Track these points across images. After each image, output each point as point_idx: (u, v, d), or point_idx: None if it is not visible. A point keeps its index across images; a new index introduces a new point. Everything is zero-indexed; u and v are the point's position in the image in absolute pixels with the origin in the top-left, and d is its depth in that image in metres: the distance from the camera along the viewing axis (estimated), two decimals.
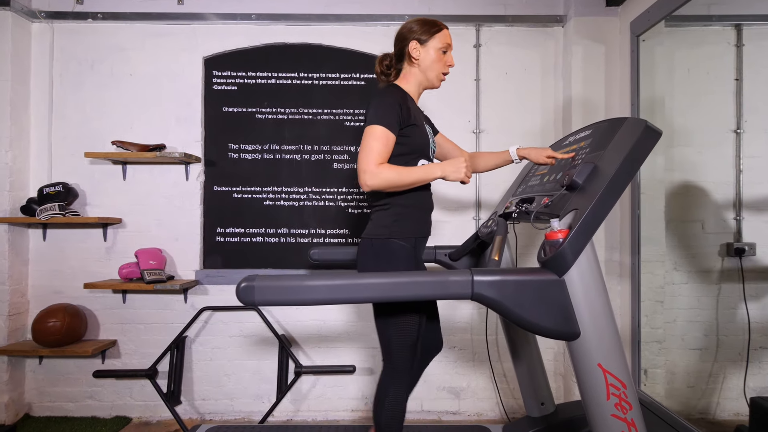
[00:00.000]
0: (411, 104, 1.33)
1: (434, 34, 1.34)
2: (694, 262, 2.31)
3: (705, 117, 2.31)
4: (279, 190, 2.33)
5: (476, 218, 2.34)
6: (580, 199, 1.01)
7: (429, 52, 1.34)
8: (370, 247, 1.30)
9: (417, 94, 1.41)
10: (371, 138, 1.21)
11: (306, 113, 2.34)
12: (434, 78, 1.37)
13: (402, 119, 1.25)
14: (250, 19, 2.29)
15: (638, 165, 0.95)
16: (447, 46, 1.35)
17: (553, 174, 1.33)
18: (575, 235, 0.93)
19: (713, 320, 2.30)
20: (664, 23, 2.06)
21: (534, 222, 1.14)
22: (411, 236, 1.31)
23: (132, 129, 2.31)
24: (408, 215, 1.31)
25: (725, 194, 2.27)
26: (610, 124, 1.16)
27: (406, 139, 1.27)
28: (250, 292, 0.88)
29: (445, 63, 1.37)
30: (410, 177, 1.21)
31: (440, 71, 1.37)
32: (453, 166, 1.22)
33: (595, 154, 1.11)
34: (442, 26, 1.35)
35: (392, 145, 1.23)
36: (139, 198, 2.31)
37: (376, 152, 1.19)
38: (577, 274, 0.94)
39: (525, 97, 2.35)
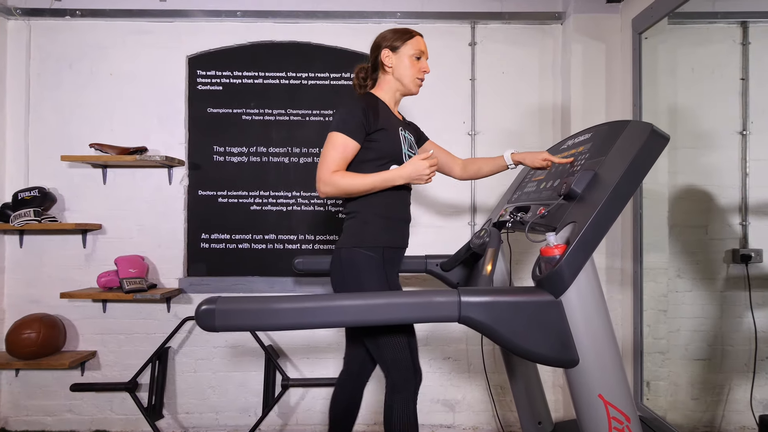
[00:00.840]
0: (382, 110, 1.31)
1: (406, 41, 1.34)
2: (699, 269, 2.22)
3: (710, 118, 2.22)
4: (266, 195, 2.24)
5: (471, 223, 2.25)
6: (579, 211, 0.92)
7: (402, 59, 1.34)
8: (338, 258, 1.27)
9: (393, 102, 1.39)
10: (328, 146, 1.22)
11: (294, 114, 2.25)
12: (409, 84, 1.36)
13: (368, 124, 1.23)
14: (236, 16, 2.20)
15: (643, 173, 0.86)
16: (420, 52, 1.35)
17: (550, 181, 1.24)
18: (574, 252, 0.84)
19: (718, 329, 2.21)
20: (667, 20, 1.97)
21: (529, 234, 1.05)
22: (378, 245, 1.26)
23: (112, 131, 2.21)
24: (376, 223, 1.27)
25: (731, 198, 2.18)
26: (612, 127, 1.07)
27: (374, 144, 1.25)
28: (209, 316, 0.79)
29: (419, 69, 1.36)
30: (365, 184, 1.21)
31: (414, 77, 1.36)
32: (412, 168, 1.20)
33: (596, 160, 1.02)
34: (414, 33, 1.37)
35: (352, 152, 1.23)
36: (120, 203, 2.21)
37: (330, 160, 1.20)
38: (575, 295, 0.85)
39: (522, 97, 2.25)
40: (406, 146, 1.33)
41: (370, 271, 1.22)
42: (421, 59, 1.36)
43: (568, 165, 1.19)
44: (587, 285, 0.85)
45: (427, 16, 2.21)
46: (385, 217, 1.28)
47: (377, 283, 1.21)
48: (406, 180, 1.21)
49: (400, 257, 1.35)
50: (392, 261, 1.30)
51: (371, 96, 1.33)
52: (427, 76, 2.17)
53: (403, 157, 1.31)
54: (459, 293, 0.87)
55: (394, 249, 1.30)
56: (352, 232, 1.27)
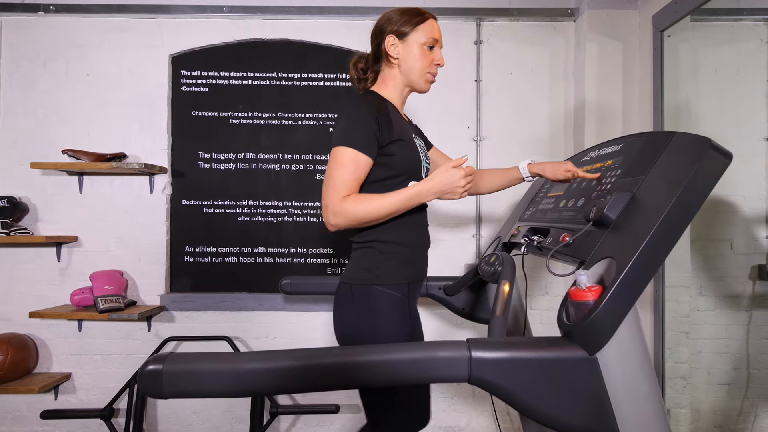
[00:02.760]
0: (393, 114, 1.07)
1: (417, 26, 1.08)
2: (722, 287, 2.05)
3: (734, 123, 2.05)
4: (255, 204, 2.07)
5: (477, 236, 2.08)
6: (616, 243, 0.75)
7: (411, 49, 1.08)
8: (348, 295, 1.05)
9: (401, 101, 1.15)
10: (335, 165, 0.98)
11: (285, 118, 2.08)
12: (419, 80, 1.10)
13: (381, 135, 1.00)
14: (222, 12, 2.03)
15: (700, 201, 0.70)
16: (433, 40, 1.09)
17: (572, 199, 1.07)
18: (614, 298, 0.67)
19: (743, 352, 2.04)
20: (689, 18, 1.81)
21: (550, 265, 0.88)
22: (402, 282, 1.05)
23: (89, 136, 2.05)
24: (397, 254, 1.05)
25: (757, 210, 2.02)
26: (649, 139, 0.90)
27: (390, 158, 1.02)
28: (156, 380, 0.63)
29: (431, 61, 1.10)
30: (386, 207, 0.97)
31: (425, 71, 1.10)
32: (444, 178, 0.95)
33: (631, 179, 0.85)
34: (427, 15, 1.10)
35: (365, 170, 0.99)
36: (98, 213, 2.05)
37: (340, 183, 0.96)
38: (615, 353, 0.68)
39: (532, 100, 2.09)
40: (423, 157, 1.11)
41: (391, 313, 1.02)
42: (435, 49, 1.10)
43: (593, 181, 1.03)
44: (630, 339, 0.68)
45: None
46: (404, 244, 1.06)
47: (398, 326, 1.02)
48: (436, 195, 0.97)
49: (419, 289, 1.16)
50: (415, 298, 1.10)
51: (377, 97, 1.09)
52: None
53: (422, 172, 1.09)
54: (469, 346, 0.70)
55: (416, 283, 1.10)
56: (366, 265, 1.04)
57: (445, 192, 0.96)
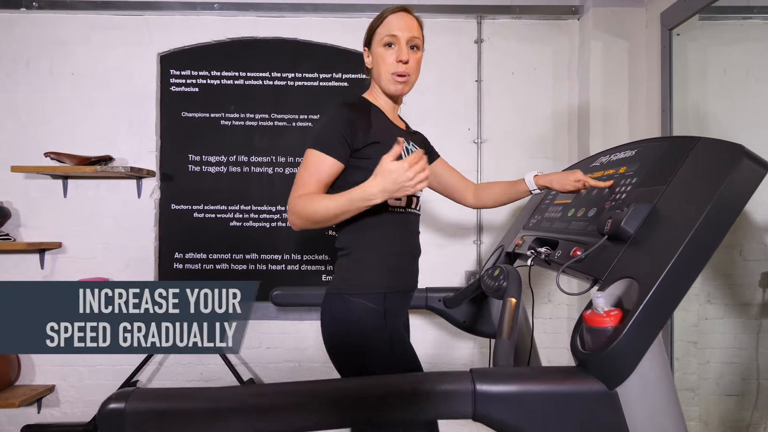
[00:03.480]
0: (376, 117, 1.04)
1: (376, 29, 1.05)
2: (731, 294, 1.98)
3: (744, 125, 1.98)
4: (247, 209, 1.99)
5: (477, 242, 2.01)
6: (636, 261, 0.68)
7: (375, 53, 1.05)
8: (328, 308, 1.02)
9: (390, 108, 1.11)
10: (302, 166, 0.98)
11: (279, 119, 2.00)
12: (386, 84, 1.05)
13: (354, 137, 0.97)
14: (213, 9, 1.95)
15: (733, 216, 0.62)
16: (390, 37, 1.01)
17: (581, 208, 0.99)
18: (637, 325, 0.60)
19: (752, 362, 1.97)
20: (698, 16, 1.74)
21: (560, 281, 0.81)
22: (379, 291, 0.99)
23: (74, 137, 1.97)
24: (374, 262, 1.01)
25: (767, 215, 1.94)
26: (670, 145, 0.83)
27: (366, 162, 0.97)
28: (117, 422, 0.55)
29: (393, 59, 1.01)
30: (331, 208, 0.89)
31: (388, 72, 1.03)
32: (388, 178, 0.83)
33: (650, 189, 0.78)
34: (386, 13, 1.04)
35: (329, 172, 0.96)
36: (83, 218, 1.97)
37: (299, 182, 0.96)
38: (638, 387, 0.60)
39: (534, 101, 2.01)
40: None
41: (373, 326, 0.97)
42: (395, 46, 1.01)
43: (605, 189, 0.95)
44: (655, 372, 0.61)
45: (427, 10, 1.97)
46: (385, 253, 1.01)
47: (375, 340, 0.96)
48: (386, 194, 0.85)
49: (408, 302, 1.09)
50: (396, 310, 1.03)
51: (362, 101, 1.08)
52: (427, 77, 1.90)
53: None
54: (473, 378, 0.62)
55: (399, 293, 1.04)
56: (345, 275, 1.01)
57: (393, 191, 0.84)
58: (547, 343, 2.00)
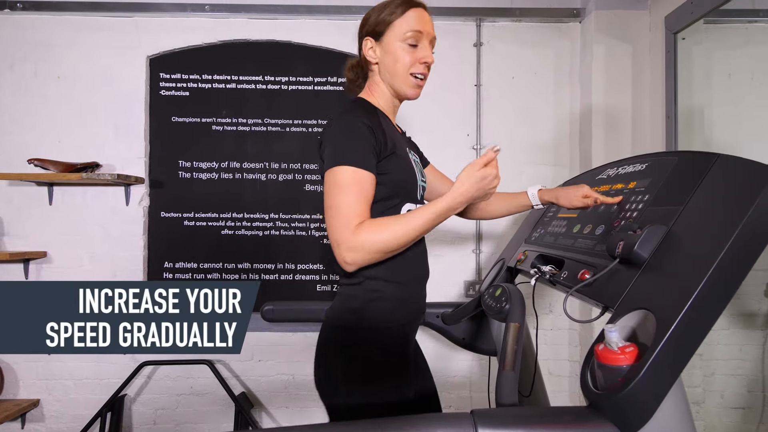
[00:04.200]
0: (386, 124, 0.92)
1: (393, 21, 0.90)
2: (736, 304, 1.94)
3: (748, 130, 1.93)
4: (239, 217, 1.93)
5: (477, 251, 1.95)
6: (653, 290, 0.62)
7: (389, 49, 0.91)
8: (332, 341, 0.90)
9: (391, 111, 1.00)
10: (335, 190, 0.81)
11: (272, 124, 1.94)
12: (402, 85, 0.93)
13: (379, 147, 0.84)
14: (204, 10, 1.89)
15: (763, 244, 0.57)
16: (416, 33, 0.90)
17: (588, 224, 0.94)
18: (657, 366, 0.54)
19: (758, 374, 1.92)
20: (703, 19, 1.69)
21: (567, 306, 0.75)
22: (397, 323, 0.90)
23: (60, 143, 1.90)
24: (391, 291, 0.89)
25: None
26: (683, 161, 0.77)
27: (382, 177, 0.86)
28: None
29: (416, 59, 0.91)
30: (413, 230, 0.80)
31: (407, 72, 0.91)
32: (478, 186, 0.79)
33: (665, 209, 0.72)
34: (407, 6, 0.91)
35: (371, 190, 0.83)
36: (69, 227, 1.90)
37: (348, 210, 0.79)
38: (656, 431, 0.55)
39: (535, 105, 1.96)
40: (419, 174, 0.96)
41: (395, 364, 0.87)
42: (420, 44, 0.91)
43: (614, 205, 0.90)
44: (676, 417, 0.55)
45: None
46: (399, 281, 0.89)
47: (397, 381, 0.87)
48: (469, 203, 0.81)
49: (417, 328, 1.00)
50: (412, 339, 0.95)
51: (367, 105, 0.94)
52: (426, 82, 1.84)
53: (418, 191, 0.94)
54: (474, 422, 0.56)
55: (414, 321, 0.95)
56: (355, 305, 0.88)
57: (477, 197, 0.81)
58: (548, 355, 1.94)
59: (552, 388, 1.95)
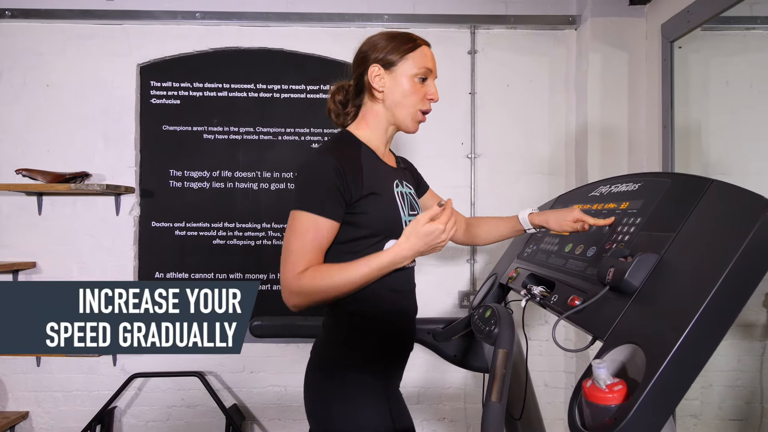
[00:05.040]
0: (368, 162, 0.90)
1: (407, 53, 0.91)
2: None
3: (747, 140, 1.91)
4: (231, 227, 1.91)
5: (471, 261, 1.93)
6: (643, 322, 0.60)
7: (398, 81, 0.91)
8: (313, 381, 0.90)
9: (383, 142, 0.98)
10: (291, 233, 0.84)
11: (264, 133, 1.92)
12: (407, 118, 0.94)
13: (347, 191, 0.84)
14: (194, 18, 1.87)
15: (758, 278, 0.54)
16: (426, 71, 0.92)
17: (580, 244, 0.92)
18: (646, 406, 0.52)
19: (756, 385, 1.90)
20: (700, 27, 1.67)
21: (555, 334, 0.73)
22: (379, 363, 0.89)
23: (50, 152, 1.88)
24: (372, 324, 0.89)
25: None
26: (677, 184, 0.75)
27: (360, 217, 0.86)
28: None
29: (424, 96, 0.93)
30: (352, 281, 0.82)
31: (416, 108, 0.93)
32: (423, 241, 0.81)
33: (657, 234, 0.70)
34: (420, 42, 0.93)
35: (327, 236, 0.84)
36: (59, 236, 1.88)
37: (297, 256, 0.81)
38: None
39: (530, 114, 1.94)
40: (406, 210, 0.93)
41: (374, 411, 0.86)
42: (428, 81, 0.93)
43: (606, 227, 0.87)
44: None
45: (418, 20, 1.89)
46: (384, 317, 0.88)
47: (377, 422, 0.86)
48: (415, 257, 0.84)
49: (403, 367, 0.98)
50: (396, 378, 0.93)
51: (349, 139, 0.93)
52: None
53: (404, 227, 0.91)
54: None
55: (399, 358, 0.94)
56: (337, 338, 0.88)
57: (425, 252, 0.83)
58: (544, 366, 1.92)
59: (548, 400, 1.93)
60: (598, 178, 1.85)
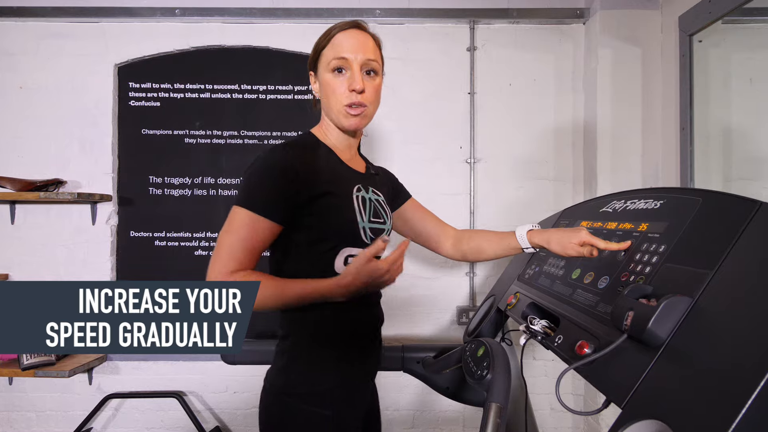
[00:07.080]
0: (327, 161, 0.84)
1: (321, 51, 0.84)
2: None
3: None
4: (214, 237, 1.79)
5: (470, 274, 1.79)
6: (673, 389, 0.46)
7: (322, 81, 0.85)
8: (264, 408, 0.83)
9: (347, 145, 0.90)
10: (227, 228, 0.78)
11: (249, 137, 1.80)
12: (337, 117, 0.84)
13: (292, 191, 0.77)
14: (174, 15, 1.75)
15: None
16: (340, 61, 0.81)
17: (590, 272, 0.78)
18: None
19: None
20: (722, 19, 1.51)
21: (560, 391, 0.59)
22: (324, 389, 0.79)
23: (22, 158, 1.78)
24: (322, 350, 0.81)
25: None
26: (710, 204, 0.61)
27: (312, 219, 0.79)
28: None
29: (344, 88, 0.81)
30: (287, 298, 0.76)
31: (341, 104, 0.82)
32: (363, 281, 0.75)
33: (688, 270, 0.56)
34: (335, 31, 0.83)
35: (264, 238, 0.77)
36: (32, 247, 1.77)
37: (229, 255, 0.76)
38: None
39: (534, 115, 1.79)
40: (366, 216, 0.84)
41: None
42: (346, 72, 0.82)
43: (621, 252, 0.73)
44: None
45: (413, 14, 1.75)
46: (335, 336, 0.81)
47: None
48: (355, 295, 0.77)
49: (368, 388, 0.88)
50: (350, 408, 0.82)
51: (308, 139, 0.87)
52: (414, 90, 1.69)
53: (363, 235, 0.83)
54: None
55: (355, 385, 0.84)
56: (280, 364, 0.81)
57: (371, 289, 0.77)
58: (550, 389, 1.77)
59: (554, 425, 1.79)
60: (607, 184, 1.71)
